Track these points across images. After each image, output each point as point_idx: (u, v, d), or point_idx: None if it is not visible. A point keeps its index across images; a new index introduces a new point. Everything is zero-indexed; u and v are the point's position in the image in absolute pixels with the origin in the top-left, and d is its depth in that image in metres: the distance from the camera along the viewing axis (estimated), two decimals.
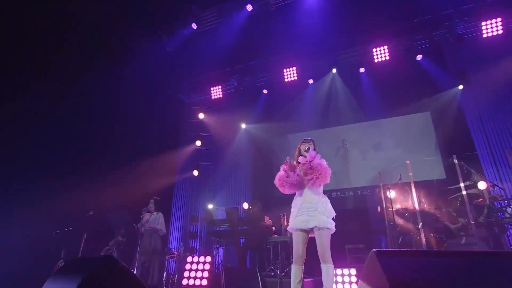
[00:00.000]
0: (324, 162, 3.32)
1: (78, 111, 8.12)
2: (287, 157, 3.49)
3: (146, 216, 6.23)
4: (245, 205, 7.99)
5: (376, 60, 8.29)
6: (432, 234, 5.81)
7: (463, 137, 7.72)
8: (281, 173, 3.43)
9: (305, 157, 3.41)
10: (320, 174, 3.19)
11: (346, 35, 8.50)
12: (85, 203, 7.21)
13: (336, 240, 6.80)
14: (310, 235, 3.31)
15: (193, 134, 9.90)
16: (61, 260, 6.52)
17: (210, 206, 8.83)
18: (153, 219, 6.35)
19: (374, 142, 8.77)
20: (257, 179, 9.32)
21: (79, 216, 7.03)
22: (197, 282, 5.56)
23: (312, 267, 3.68)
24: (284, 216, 6.48)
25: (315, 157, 3.30)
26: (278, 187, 3.41)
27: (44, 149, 7.63)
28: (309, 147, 3.48)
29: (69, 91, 8.01)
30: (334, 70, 8.83)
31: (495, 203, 5.45)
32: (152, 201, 6.46)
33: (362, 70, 8.75)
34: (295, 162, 3.48)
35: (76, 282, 1.82)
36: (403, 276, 1.46)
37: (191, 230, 8.88)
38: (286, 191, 3.37)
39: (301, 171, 3.35)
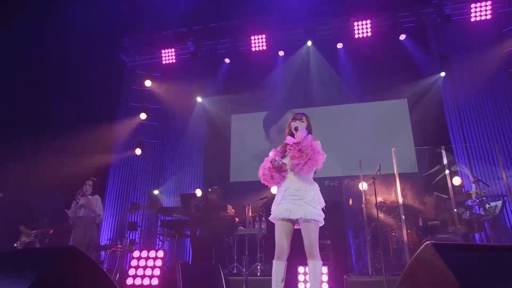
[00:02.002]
0: (317, 143, 3.21)
1: None
2: (275, 158, 3.31)
3: (81, 200, 5.75)
4: (198, 192, 7.77)
5: (356, 36, 8.43)
6: (408, 231, 6.11)
7: (439, 129, 8.22)
8: (265, 166, 3.26)
9: (294, 137, 3.30)
10: (309, 159, 3.04)
11: (326, 2, 8.50)
12: None
13: (300, 236, 6.99)
14: (295, 227, 3.24)
15: (136, 105, 9.36)
16: None
17: (156, 192, 8.50)
18: (89, 203, 5.89)
19: (347, 128, 8.94)
20: (213, 162, 9.10)
21: None
22: (146, 281, 5.26)
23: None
24: (249, 206, 6.40)
25: (305, 138, 3.19)
26: (263, 180, 3.27)
27: None
28: (297, 126, 3.34)
29: None
30: (309, 43, 8.81)
31: (476, 199, 5.87)
32: (90, 182, 5.97)
33: (339, 45, 8.84)
34: (282, 162, 3.32)
35: (26, 283, 1.53)
36: (477, 276, 1.41)
37: (130, 220, 8.48)
38: (271, 184, 3.27)
39: (288, 155, 3.23)
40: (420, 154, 8.29)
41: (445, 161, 5.68)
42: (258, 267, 5.68)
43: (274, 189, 8.00)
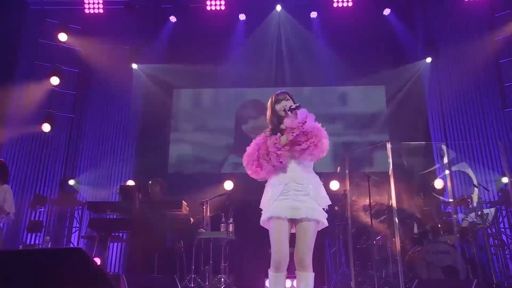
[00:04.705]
0: (319, 125, 3.18)
1: None
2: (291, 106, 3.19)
3: None
4: (129, 184, 7.56)
5: (335, 5, 8.62)
6: (394, 239, 6.37)
7: (418, 122, 8.68)
8: (253, 149, 3.19)
9: (291, 119, 3.19)
10: (319, 141, 3.02)
11: None
12: None
13: (259, 243, 6.97)
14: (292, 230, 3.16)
15: (45, 65, 8.66)
16: None
17: (72, 182, 8.09)
18: None
19: (318, 116, 9.09)
20: (148, 147, 8.83)
21: None
22: None
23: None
24: (207, 204, 6.21)
25: (307, 117, 3.13)
26: (249, 169, 3.19)
27: None
28: (290, 106, 3.23)
29: None
30: (278, 8, 8.81)
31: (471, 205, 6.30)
32: None
33: (314, 14, 8.94)
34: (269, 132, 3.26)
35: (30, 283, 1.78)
36: None
37: (32, 218, 7.90)
38: (261, 175, 3.17)
39: (284, 140, 3.14)
40: (395, 151, 8.70)
41: (445, 160, 6.00)
42: (222, 279, 5.57)
43: (228, 185, 7.93)
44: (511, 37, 8.15)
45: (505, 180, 7.52)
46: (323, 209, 3.13)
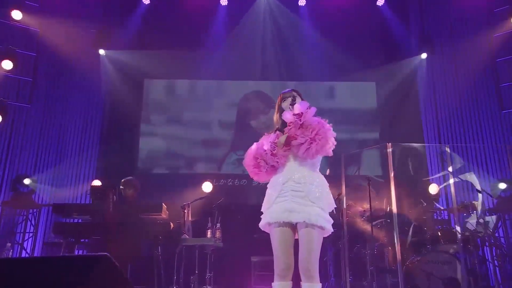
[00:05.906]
0: (323, 120, 3.15)
1: None
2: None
3: None
4: (97, 184, 7.24)
5: None
6: (389, 247, 6.34)
7: (410, 122, 8.73)
8: (251, 149, 3.23)
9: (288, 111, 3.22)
10: (316, 134, 2.99)
11: None
12: None
13: (240, 250, 6.81)
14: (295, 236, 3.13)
15: None
16: None
17: (27, 181, 7.74)
18: None
19: None
20: (115, 144, 8.65)
21: None
22: None
23: None
24: (188, 207, 5.99)
25: (308, 110, 3.11)
26: (251, 171, 3.24)
27: None
28: (292, 100, 3.26)
29: None
30: None
31: (472, 212, 6.34)
32: None
33: (302, 2, 8.93)
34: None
35: None
36: None
37: None
38: (262, 176, 3.21)
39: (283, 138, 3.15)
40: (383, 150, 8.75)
41: (450, 167, 6.01)
42: None
43: (207, 186, 7.72)
44: (510, 34, 8.26)
45: (502, 185, 7.68)
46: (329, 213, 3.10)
